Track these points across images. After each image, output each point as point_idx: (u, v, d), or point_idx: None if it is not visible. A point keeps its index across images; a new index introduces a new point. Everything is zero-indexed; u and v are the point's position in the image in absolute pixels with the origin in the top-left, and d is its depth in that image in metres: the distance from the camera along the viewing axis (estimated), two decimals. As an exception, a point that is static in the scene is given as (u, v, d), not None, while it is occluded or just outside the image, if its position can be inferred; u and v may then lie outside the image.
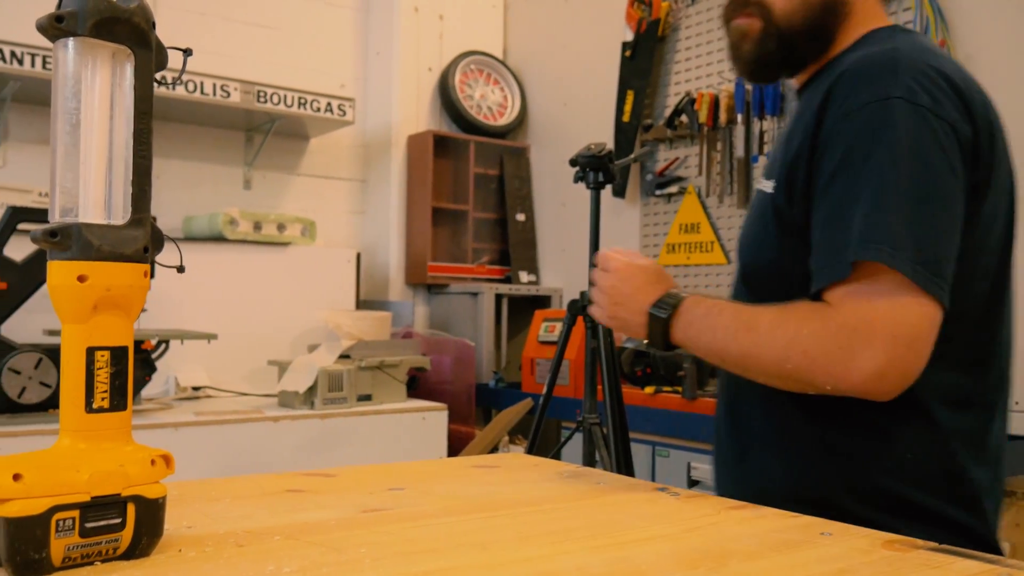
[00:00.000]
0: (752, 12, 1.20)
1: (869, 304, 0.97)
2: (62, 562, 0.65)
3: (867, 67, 1.07)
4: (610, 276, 1.21)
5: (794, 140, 1.12)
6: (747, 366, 1.07)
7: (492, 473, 1.13)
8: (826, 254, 1.03)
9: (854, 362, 0.96)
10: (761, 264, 1.19)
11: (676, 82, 3.43)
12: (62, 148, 0.70)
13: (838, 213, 1.02)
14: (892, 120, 1.01)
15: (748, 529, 0.83)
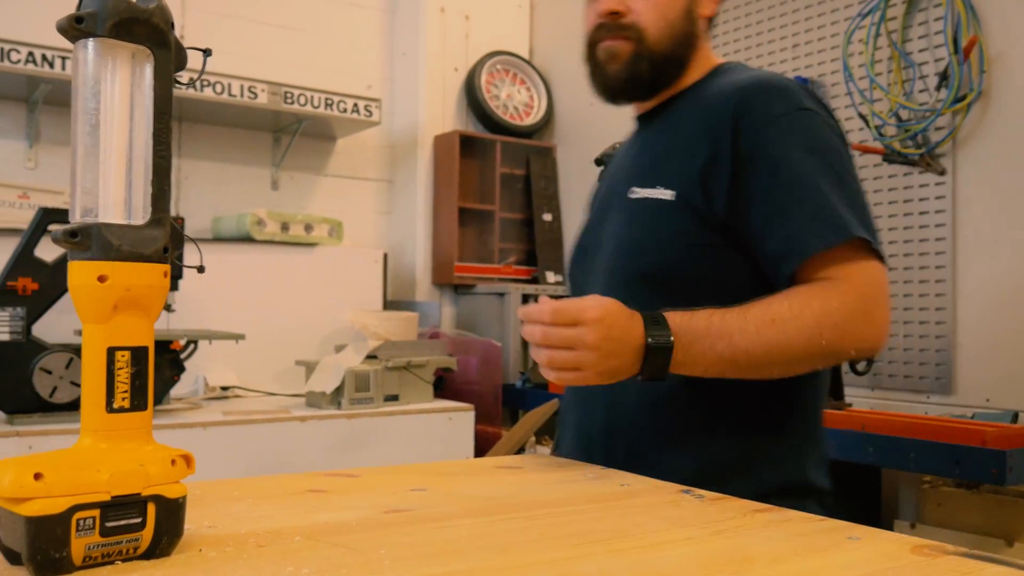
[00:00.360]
0: (626, 35, 1.33)
1: (865, 273, 1.15)
2: (82, 561, 0.66)
3: (768, 86, 1.24)
4: (593, 329, 1.07)
5: (692, 150, 1.25)
6: (772, 360, 1.13)
7: (515, 474, 1.12)
8: (805, 231, 1.15)
9: (875, 323, 1.14)
10: (668, 265, 1.26)
11: (703, 80, 3.40)
12: (82, 149, 0.70)
13: (799, 201, 1.17)
14: (813, 126, 1.21)
15: (773, 532, 0.82)
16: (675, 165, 1.26)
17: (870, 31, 2.71)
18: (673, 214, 1.24)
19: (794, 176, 1.18)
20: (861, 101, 2.74)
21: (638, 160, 1.37)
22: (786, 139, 1.20)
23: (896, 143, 2.63)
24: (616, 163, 1.50)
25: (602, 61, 1.36)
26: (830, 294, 1.13)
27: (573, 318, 1.06)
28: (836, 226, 1.15)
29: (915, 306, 2.62)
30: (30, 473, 0.64)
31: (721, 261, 1.24)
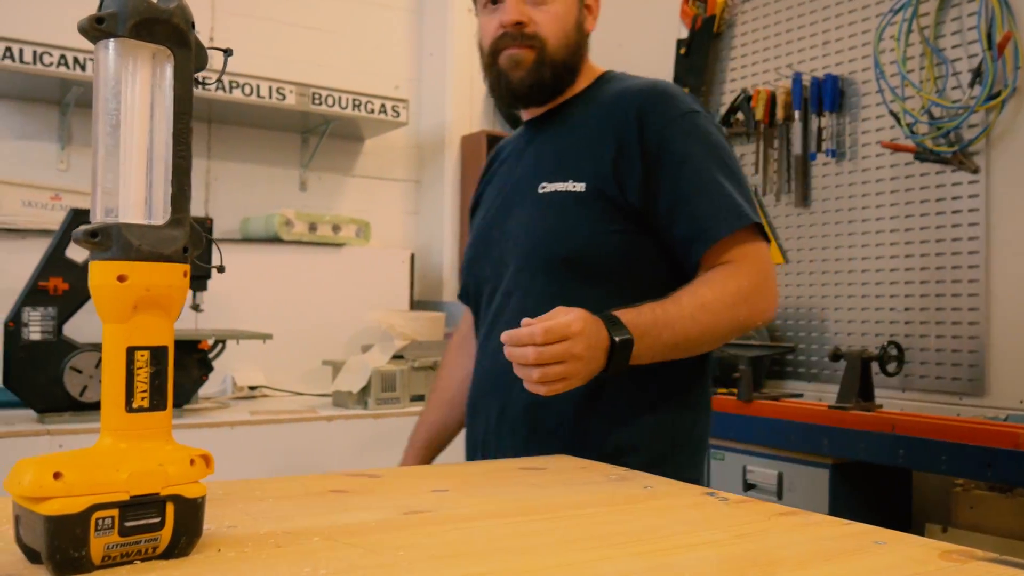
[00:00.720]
0: (530, 44, 1.44)
1: (759, 255, 1.35)
2: (102, 560, 0.66)
3: (663, 91, 1.42)
4: (579, 341, 1.14)
5: (599, 145, 1.39)
6: (705, 339, 1.30)
7: (538, 475, 1.12)
8: (711, 219, 1.32)
9: (772, 296, 1.35)
10: (585, 250, 1.38)
11: (732, 79, 3.37)
12: (103, 149, 0.70)
13: (702, 191, 1.34)
14: (706, 126, 1.40)
15: (798, 536, 0.81)
16: (583, 160, 1.40)
17: (902, 27, 2.67)
18: (586, 204, 1.38)
19: (696, 169, 1.35)
20: (892, 99, 2.70)
21: (542, 158, 1.48)
22: (686, 137, 1.37)
23: (928, 141, 2.59)
24: (511, 163, 1.58)
25: (506, 68, 1.46)
26: (740, 275, 1.30)
27: (561, 334, 1.12)
28: (737, 214, 1.32)
29: (947, 306, 2.58)
30: (50, 472, 0.64)
31: (633, 245, 1.38)
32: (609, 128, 1.40)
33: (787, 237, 3.12)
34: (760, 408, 2.64)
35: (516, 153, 1.59)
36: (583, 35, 1.52)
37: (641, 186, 1.36)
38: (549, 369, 1.12)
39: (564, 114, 1.50)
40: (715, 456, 2.75)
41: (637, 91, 1.43)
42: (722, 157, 1.38)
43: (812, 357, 3.00)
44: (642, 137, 1.36)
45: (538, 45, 1.44)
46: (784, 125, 3.11)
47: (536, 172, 1.46)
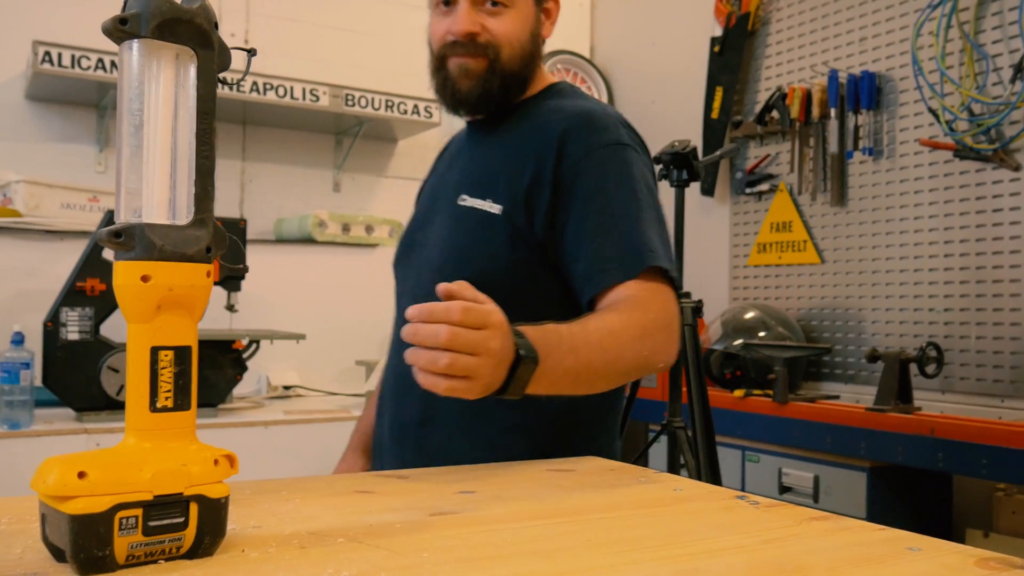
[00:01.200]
0: (482, 54, 1.37)
1: (666, 299, 1.25)
2: (126, 560, 0.66)
3: (593, 118, 1.34)
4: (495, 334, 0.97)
5: (520, 169, 1.32)
6: (607, 372, 1.16)
7: (567, 477, 1.11)
8: (614, 258, 1.24)
9: (675, 340, 1.24)
10: (489, 275, 1.26)
11: (767, 77, 3.34)
12: (127, 149, 0.70)
13: (610, 227, 1.26)
14: (629, 160, 1.32)
15: (829, 542, 0.79)
16: (504, 181, 1.34)
17: (940, 22, 2.63)
18: (498, 228, 1.32)
19: (606, 204, 1.28)
20: (931, 95, 2.66)
21: (470, 168, 1.43)
22: (603, 169, 1.30)
23: (968, 138, 2.54)
24: (449, 163, 1.54)
25: (454, 76, 1.40)
26: (647, 308, 1.20)
27: (482, 320, 0.95)
28: (639, 255, 1.24)
29: (988, 307, 2.53)
30: (74, 472, 0.64)
31: (535, 279, 1.32)
32: (531, 152, 1.33)
33: (823, 237, 3.08)
34: (796, 410, 2.61)
35: (455, 154, 1.53)
36: (538, 44, 1.44)
37: (547, 217, 1.30)
38: (459, 358, 0.93)
39: (504, 124, 1.43)
40: (750, 458, 2.72)
41: (565, 116, 1.35)
42: (638, 195, 1.30)
43: (849, 358, 2.96)
44: (558, 166, 1.30)
45: (491, 55, 1.37)
46: (820, 123, 3.07)
47: (461, 182, 1.41)
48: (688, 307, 2.12)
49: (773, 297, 3.24)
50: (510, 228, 1.31)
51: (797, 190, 3.17)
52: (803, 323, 3.08)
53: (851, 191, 2.98)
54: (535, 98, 1.44)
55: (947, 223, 2.65)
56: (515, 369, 1.00)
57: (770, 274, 3.27)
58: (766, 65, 3.34)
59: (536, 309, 1.24)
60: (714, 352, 2.97)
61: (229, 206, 3.48)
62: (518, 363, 1.01)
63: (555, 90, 1.46)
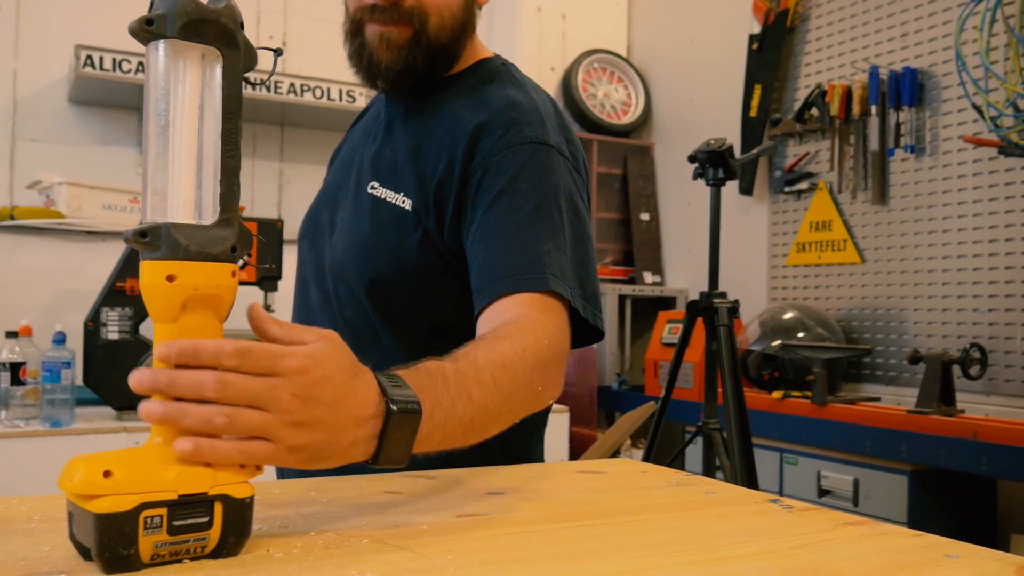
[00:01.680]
0: (407, 21, 1.17)
1: (560, 325, 1.06)
2: (151, 559, 0.66)
3: (516, 110, 1.16)
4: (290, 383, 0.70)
5: (433, 161, 1.17)
6: (500, 416, 0.95)
7: (597, 479, 1.09)
8: (507, 268, 1.07)
9: (563, 376, 1.07)
10: (393, 278, 1.18)
11: (806, 74, 3.30)
12: (153, 149, 0.71)
13: (510, 234, 1.09)
14: (550, 163, 1.14)
15: (864, 548, 0.77)
16: (417, 174, 1.19)
17: (985, 16, 2.57)
18: (409, 228, 1.17)
19: (511, 208, 1.11)
20: (975, 91, 2.60)
21: (383, 154, 1.26)
22: (516, 169, 1.12)
23: (1013, 135, 2.49)
24: (362, 134, 1.35)
25: (373, 46, 1.19)
26: (539, 335, 1.01)
27: (266, 365, 0.69)
28: (537, 272, 1.07)
29: (1034, 307, 2.47)
30: (100, 471, 0.64)
31: (447, 287, 1.18)
32: (447, 142, 1.17)
33: (864, 236, 3.03)
34: (835, 412, 2.57)
35: (370, 126, 1.34)
36: (471, 13, 1.25)
37: (453, 222, 1.15)
38: (239, 414, 0.68)
39: (422, 106, 1.25)
40: (788, 461, 2.69)
41: (486, 106, 1.18)
42: (553, 204, 1.12)
43: (890, 360, 2.91)
44: (469, 162, 1.14)
45: (416, 24, 1.17)
46: (860, 120, 3.02)
47: (373, 166, 1.25)
48: (724, 307, 2.09)
49: (812, 297, 3.20)
50: (421, 229, 1.17)
51: (837, 188, 3.12)
52: (843, 324, 3.04)
53: (892, 189, 2.93)
54: (462, 76, 1.26)
55: (991, 221, 2.59)
56: (387, 428, 0.77)
57: (809, 274, 3.22)
58: (805, 62, 3.30)
59: (445, 321, 1.16)
60: (752, 353, 2.93)
61: (267, 207, 3.51)
62: (389, 419, 0.77)
63: (486, 69, 1.27)
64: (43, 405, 2.39)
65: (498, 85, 1.23)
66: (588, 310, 1.12)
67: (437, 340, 1.14)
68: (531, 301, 1.05)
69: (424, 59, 1.20)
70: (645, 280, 3.95)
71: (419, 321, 1.18)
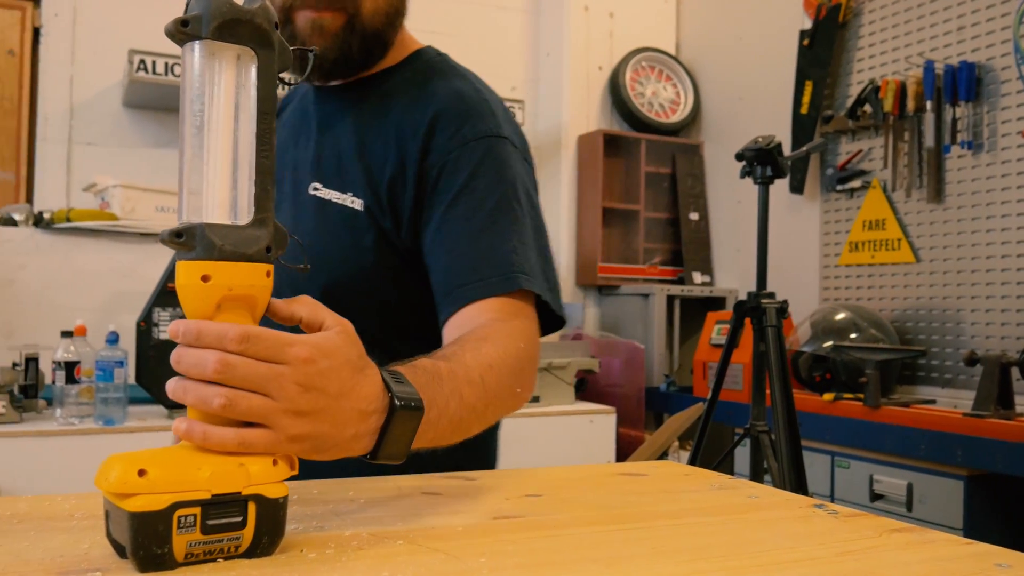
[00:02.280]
0: (339, 6, 1.12)
1: (532, 327, 1.07)
2: (184, 558, 0.66)
3: (468, 104, 1.14)
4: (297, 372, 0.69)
5: (381, 158, 1.14)
6: (484, 417, 0.95)
7: (637, 482, 1.08)
8: (477, 271, 1.06)
9: (535, 378, 1.05)
10: (351, 280, 1.15)
11: (859, 70, 3.23)
12: (189, 150, 0.71)
13: (476, 235, 1.08)
14: (506, 156, 1.12)
15: (910, 556, 0.75)
16: (364, 172, 1.15)
17: (1045, 9, 2.50)
18: (363, 228, 1.14)
19: (474, 207, 1.09)
20: (1035, 86, 2.53)
21: (323, 154, 1.21)
22: (474, 166, 1.10)
23: (1075, 130, 2.41)
24: (289, 133, 1.29)
25: (304, 34, 1.13)
26: (516, 338, 1.02)
27: (272, 352, 0.68)
28: (508, 273, 1.06)
29: (1098, 308, 2.40)
30: (135, 469, 0.65)
31: (407, 288, 1.14)
32: (393, 140, 1.14)
33: (919, 235, 2.96)
34: (889, 415, 2.51)
35: (299, 125, 1.28)
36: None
37: (412, 220, 1.13)
38: (239, 397, 0.67)
39: (360, 100, 1.21)
40: (839, 464, 2.63)
41: (435, 99, 1.15)
42: (513, 199, 1.11)
43: (946, 361, 2.84)
44: (424, 159, 1.12)
45: (350, 8, 1.13)
46: (915, 117, 2.96)
47: (314, 168, 1.20)
48: (772, 308, 2.06)
49: (865, 298, 3.14)
50: (376, 229, 1.14)
51: (891, 186, 3.06)
52: (897, 324, 2.97)
53: (948, 187, 2.86)
54: (400, 68, 1.22)
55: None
56: (389, 424, 0.76)
57: (862, 274, 3.16)
58: (858, 57, 3.24)
59: (404, 322, 1.13)
60: (803, 354, 2.88)
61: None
62: (392, 415, 0.76)
63: (423, 58, 1.24)
64: (97, 403, 2.44)
65: (442, 77, 1.20)
66: (555, 301, 1.12)
67: (395, 342, 1.13)
68: (502, 305, 1.05)
69: (359, 46, 1.16)
70: (694, 280, 3.90)
71: (377, 323, 1.14)
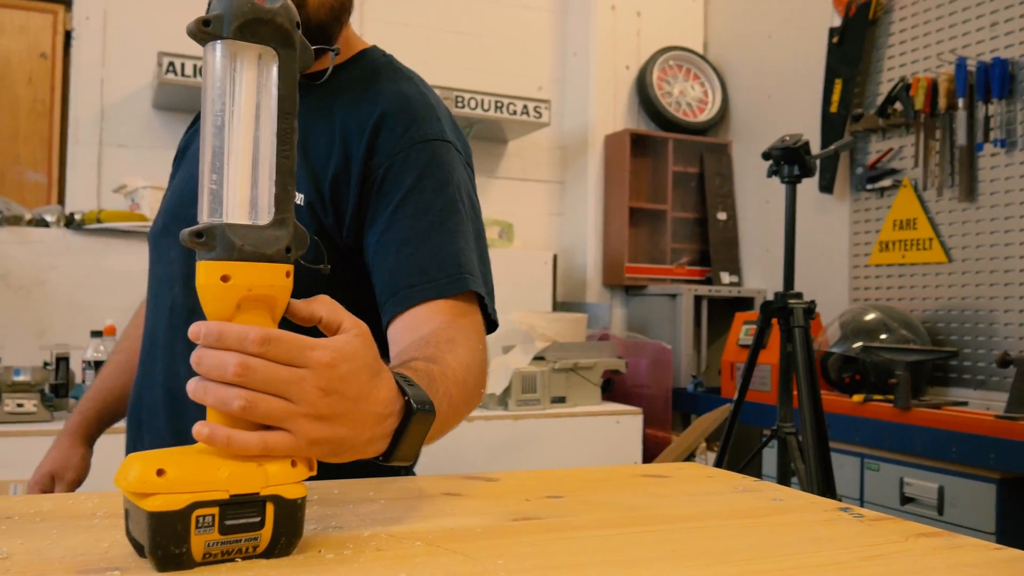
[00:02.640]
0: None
1: (481, 329, 1.09)
2: (203, 557, 0.66)
3: (414, 106, 1.16)
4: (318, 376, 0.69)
5: (324, 154, 1.14)
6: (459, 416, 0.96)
7: (660, 484, 1.07)
8: (426, 273, 1.07)
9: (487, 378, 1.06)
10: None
11: (889, 67, 3.19)
12: (209, 150, 0.71)
13: (423, 237, 1.09)
14: (451, 160, 1.14)
15: (937, 561, 0.73)
16: (306, 167, 1.14)
17: (1081, 5, 2.45)
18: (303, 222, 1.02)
19: (420, 209, 1.10)
20: (1070, 82, 2.49)
21: None
22: (419, 169, 1.12)
23: (1112, 128, 2.37)
24: None
25: None
26: (477, 340, 1.04)
27: (293, 355, 0.68)
28: (456, 274, 1.08)
29: None
30: (153, 469, 0.65)
31: (347, 287, 1.11)
32: (337, 139, 1.14)
33: (950, 234, 2.92)
34: (919, 417, 2.48)
35: None
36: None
37: (354, 220, 1.13)
38: (259, 399, 0.67)
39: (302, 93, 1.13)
40: (869, 467, 2.60)
41: (379, 100, 1.15)
42: (457, 202, 1.13)
43: (978, 363, 2.80)
44: (368, 160, 1.12)
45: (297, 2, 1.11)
46: (947, 114, 2.92)
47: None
48: (799, 308, 2.04)
49: (896, 298, 3.10)
50: (316, 225, 1.13)
51: (922, 185, 3.02)
52: (928, 325, 2.93)
53: (981, 185, 2.82)
54: (347, 67, 1.22)
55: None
56: (405, 427, 0.77)
57: (892, 274, 3.12)
58: (888, 55, 3.20)
59: None
60: (832, 355, 2.85)
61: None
62: (409, 419, 0.77)
63: (369, 60, 1.25)
64: (126, 402, 2.46)
65: (388, 78, 1.21)
66: (492, 305, 1.13)
67: None
68: (451, 307, 1.07)
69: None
70: (722, 280, 3.88)
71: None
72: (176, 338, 1.19)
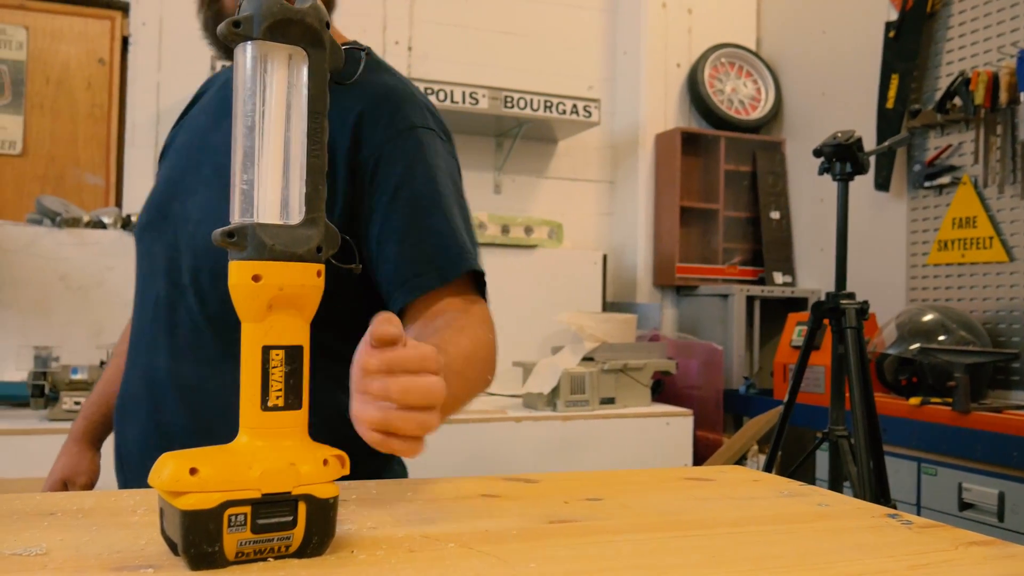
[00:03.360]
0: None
1: (487, 312, 1.12)
2: (235, 556, 0.66)
3: (398, 97, 1.17)
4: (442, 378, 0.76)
5: None
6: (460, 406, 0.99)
7: (703, 487, 1.05)
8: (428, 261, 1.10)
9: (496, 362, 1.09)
10: None
11: (947, 62, 3.11)
12: (240, 150, 0.71)
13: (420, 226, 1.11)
14: (436, 148, 1.17)
15: (987, 570, 0.70)
16: None
17: None
18: None
19: (413, 198, 1.12)
20: None
21: None
22: (408, 158, 1.14)
23: None
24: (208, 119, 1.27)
25: (231, 12, 1.11)
26: (485, 325, 1.08)
27: (416, 365, 0.73)
28: (455, 257, 1.11)
29: None
30: (186, 468, 0.65)
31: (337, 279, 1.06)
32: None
33: (1012, 232, 2.84)
34: (979, 420, 2.41)
35: (219, 110, 1.25)
36: None
37: (345, 211, 1.12)
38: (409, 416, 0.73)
39: None
40: (926, 471, 2.54)
41: (362, 93, 1.15)
42: (446, 188, 1.15)
43: (1042, 365, 2.71)
44: (356, 153, 1.13)
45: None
46: (1008, 109, 2.83)
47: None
48: (852, 308, 1.99)
49: (955, 298, 3.02)
50: None
51: (982, 182, 2.94)
52: (988, 327, 2.85)
53: (1044, 182, 2.74)
54: None
55: None
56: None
57: (952, 273, 3.04)
58: (947, 49, 3.12)
59: (339, 316, 1.08)
60: (888, 357, 2.79)
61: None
62: None
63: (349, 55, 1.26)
64: (180, 401, 2.50)
65: (369, 71, 1.20)
66: (483, 278, 1.15)
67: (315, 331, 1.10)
68: (459, 292, 1.11)
69: None
70: (775, 280, 3.82)
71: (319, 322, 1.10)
72: (159, 331, 1.20)
